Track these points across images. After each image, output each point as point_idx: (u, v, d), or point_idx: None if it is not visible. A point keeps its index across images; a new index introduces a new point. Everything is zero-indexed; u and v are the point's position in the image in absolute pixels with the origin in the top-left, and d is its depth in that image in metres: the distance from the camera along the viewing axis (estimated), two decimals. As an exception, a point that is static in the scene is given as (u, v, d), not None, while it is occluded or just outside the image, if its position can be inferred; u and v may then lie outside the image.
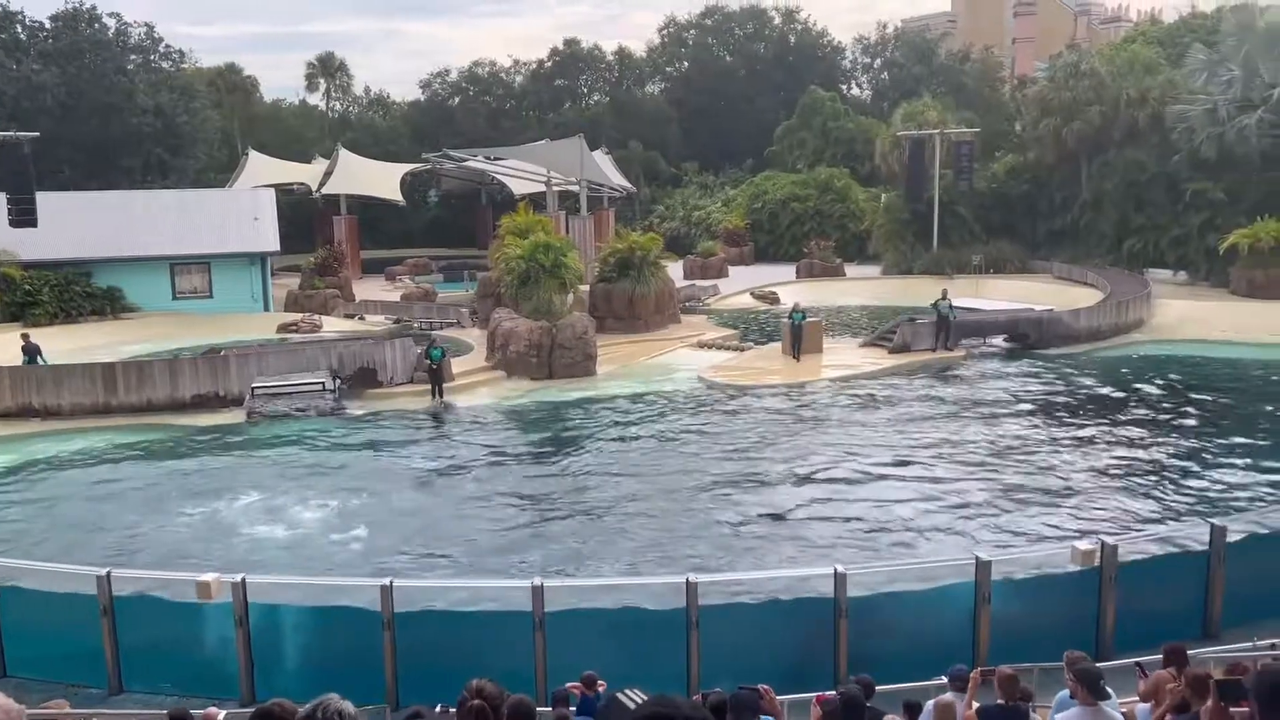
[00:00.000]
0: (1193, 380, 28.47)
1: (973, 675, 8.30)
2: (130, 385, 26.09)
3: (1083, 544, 12.82)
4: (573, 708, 8.10)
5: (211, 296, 41.77)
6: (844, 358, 31.37)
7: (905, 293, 43.38)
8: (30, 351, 27.81)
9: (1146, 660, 8.83)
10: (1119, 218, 45.89)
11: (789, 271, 51.94)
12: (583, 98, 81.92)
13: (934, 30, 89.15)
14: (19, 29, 53.70)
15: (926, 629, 12.45)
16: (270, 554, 16.40)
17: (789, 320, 31.38)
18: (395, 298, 47.32)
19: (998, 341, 33.75)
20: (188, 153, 56.71)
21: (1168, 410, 25.21)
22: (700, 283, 48.18)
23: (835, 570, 12.03)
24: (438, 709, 6.69)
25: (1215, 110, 41.67)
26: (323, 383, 26.63)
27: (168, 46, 59.59)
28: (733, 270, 53.32)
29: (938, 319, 31.89)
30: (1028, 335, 33.39)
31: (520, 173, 55.63)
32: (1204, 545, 13.42)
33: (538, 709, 6.67)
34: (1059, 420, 24.38)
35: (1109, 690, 7.05)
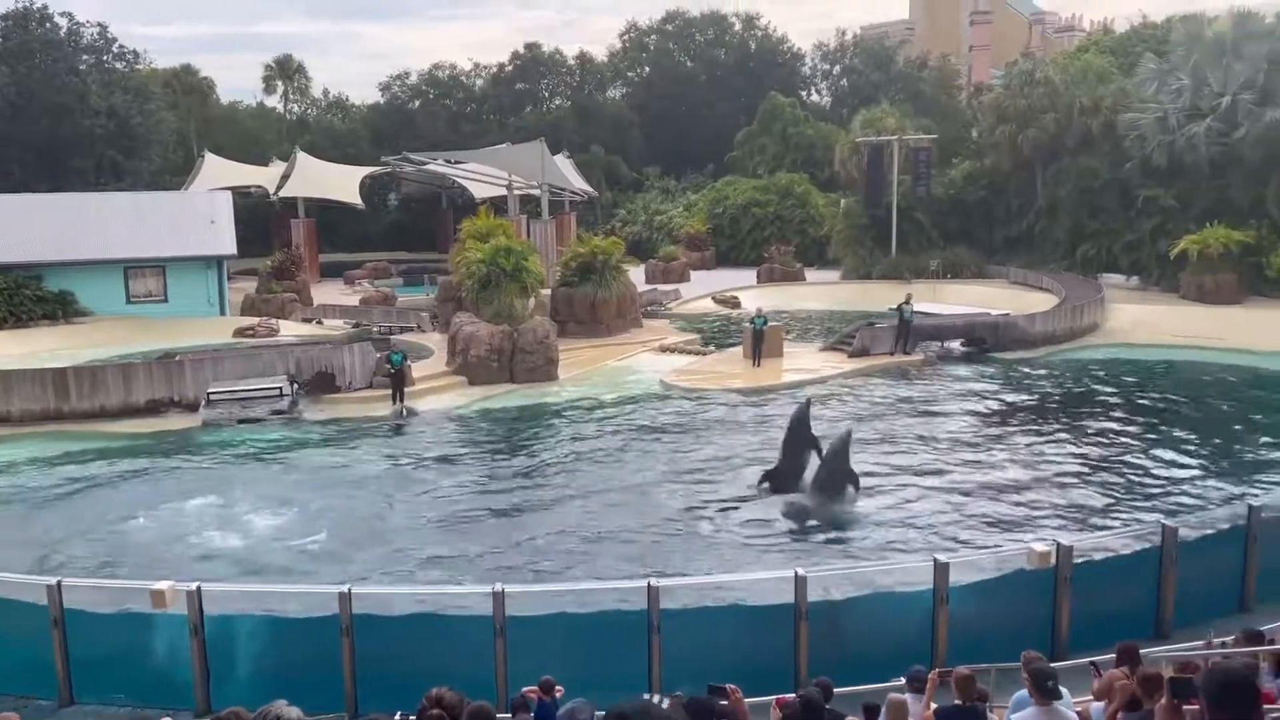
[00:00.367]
0: (1144, 383, 29.01)
1: (931, 676, 8.38)
2: (82, 391, 25.60)
3: (1038, 545, 13.02)
4: (531, 714, 8.05)
5: (166, 300, 41.11)
6: (804, 362, 31.58)
7: (864, 297, 43.78)
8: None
9: (1101, 659, 8.97)
10: (1073, 224, 46.63)
11: (750, 276, 52.19)
12: (544, 102, 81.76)
13: (892, 38, 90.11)
14: (-33, 28, 52.59)
15: (886, 630, 12.56)
16: (226, 561, 16.17)
17: (750, 325, 31.54)
18: (354, 302, 46.88)
19: (955, 346, 34.15)
20: (142, 154, 55.83)
21: (1119, 412, 25.66)
22: (662, 287, 48.28)
23: (795, 573, 12.10)
24: (397, 717, 6.62)
25: (1165, 119, 42.48)
26: (280, 388, 26.32)
27: (121, 47, 58.68)
28: (694, 275, 53.47)
29: (899, 323, 32.23)
30: (984, 340, 33.82)
31: (481, 176, 55.40)
32: (1155, 545, 13.67)
33: (499, 715, 6.63)
34: (1014, 422, 24.72)
35: (1062, 690, 7.14)
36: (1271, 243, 38.57)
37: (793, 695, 7.40)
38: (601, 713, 4.17)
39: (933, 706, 8.00)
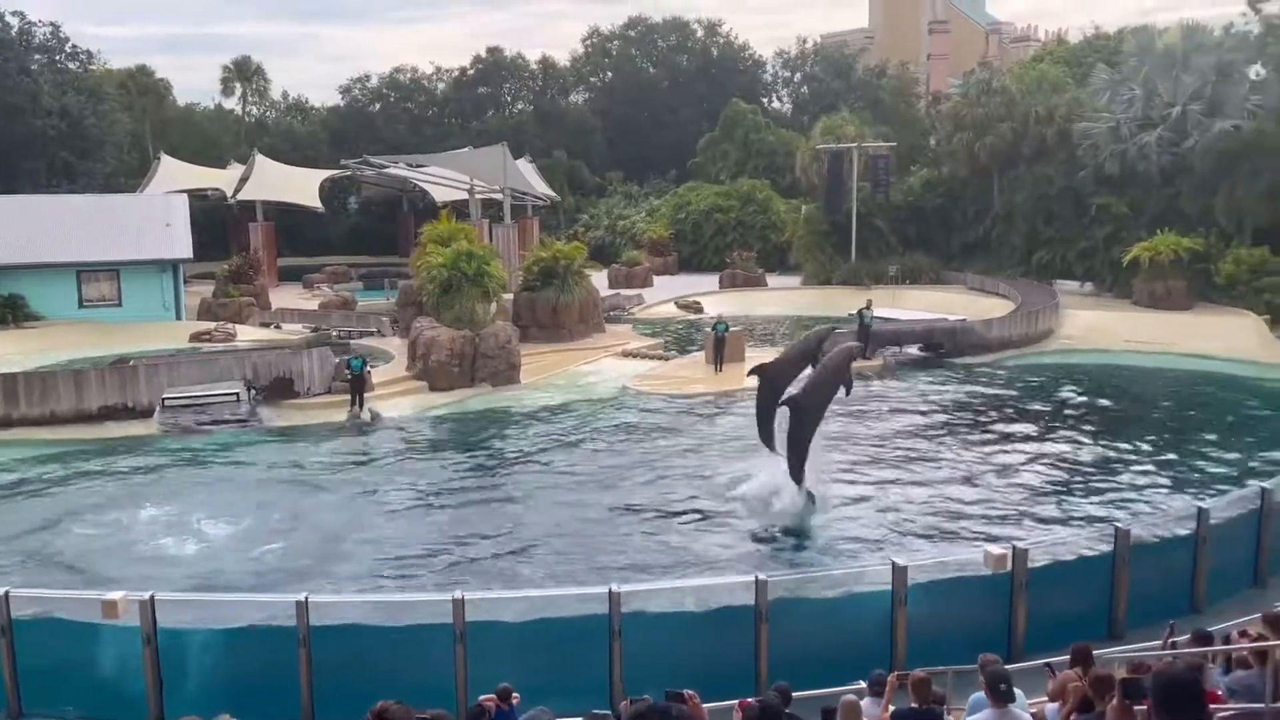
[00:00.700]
0: (1097, 388, 29.48)
1: (889, 679, 8.46)
2: (33, 397, 25.07)
3: (994, 548, 13.18)
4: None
5: (120, 305, 40.41)
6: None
7: (825, 303, 44.12)
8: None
9: (1056, 661, 9.10)
10: (1029, 230, 47.36)
11: (712, 281, 52.42)
12: (506, 106, 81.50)
13: (852, 46, 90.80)
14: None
15: (846, 633, 12.64)
16: (179, 571, 15.92)
17: (712, 332, 31.65)
18: (313, 306, 46.44)
19: (913, 351, 34.52)
20: (95, 156, 54.86)
21: (1073, 416, 26.08)
22: (625, 292, 48.33)
23: (756, 578, 12.15)
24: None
25: (1118, 128, 43.32)
26: (237, 393, 26.01)
27: (74, 47, 57.67)
28: (657, 280, 53.61)
29: (859, 328, 32.53)
30: (942, 345, 34.22)
31: (443, 180, 55.07)
32: (1109, 547, 13.90)
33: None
34: (971, 426, 25.02)
35: (1017, 692, 7.24)
36: (1220, 250, 39.43)
37: (754, 699, 7.44)
38: None
39: (890, 709, 8.07)
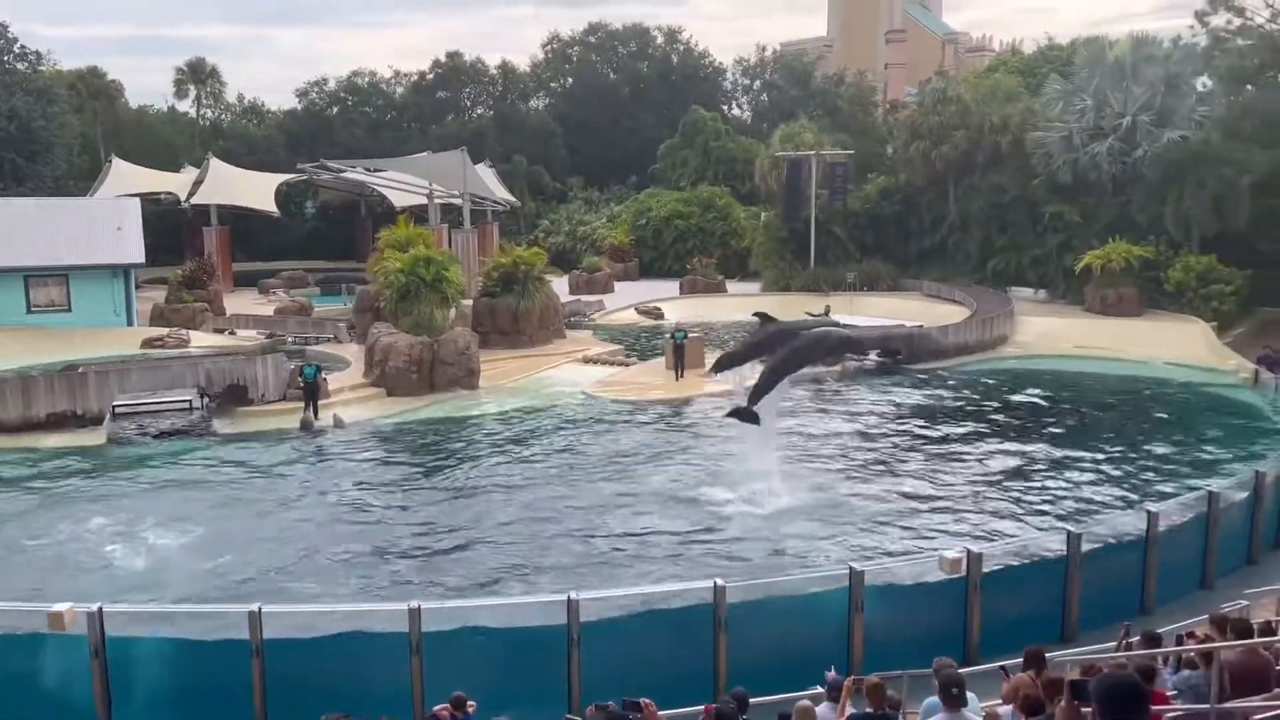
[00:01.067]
0: (1050, 393, 29.91)
1: (845, 683, 8.50)
2: (-23, 404, 24.53)
3: (949, 553, 13.31)
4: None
5: (70, 310, 39.59)
6: (725, 372, 31.78)
7: (784, 309, 44.25)
8: None
9: (1011, 664, 9.20)
10: (984, 238, 48.02)
11: (673, 287, 52.53)
12: (466, 111, 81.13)
13: (810, 54, 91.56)
14: None
15: (802, 637, 12.69)
16: (128, 582, 15.64)
17: (671, 339, 31.68)
18: (269, 312, 45.83)
19: (871, 357, 34.78)
20: (45, 159, 53.71)
21: (1027, 421, 26.45)
22: (585, 298, 48.25)
23: (715, 583, 12.18)
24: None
25: (1070, 137, 44.11)
26: (189, 401, 25.60)
27: (23, 47, 56.40)
28: (618, 286, 53.63)
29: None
30: (899, 351, 34.54)
31: (401, 185, 54.73)
32: (1061, 551, 14.11)
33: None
34: (926, 431, 25.28)
35: (970, 696, 7.31)
36: (1169, 258, 40.25)
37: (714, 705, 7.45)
38: None
39: (848, 714, 8.12)
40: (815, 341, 19.85)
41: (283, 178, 60.49)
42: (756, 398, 19.32)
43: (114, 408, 25.04)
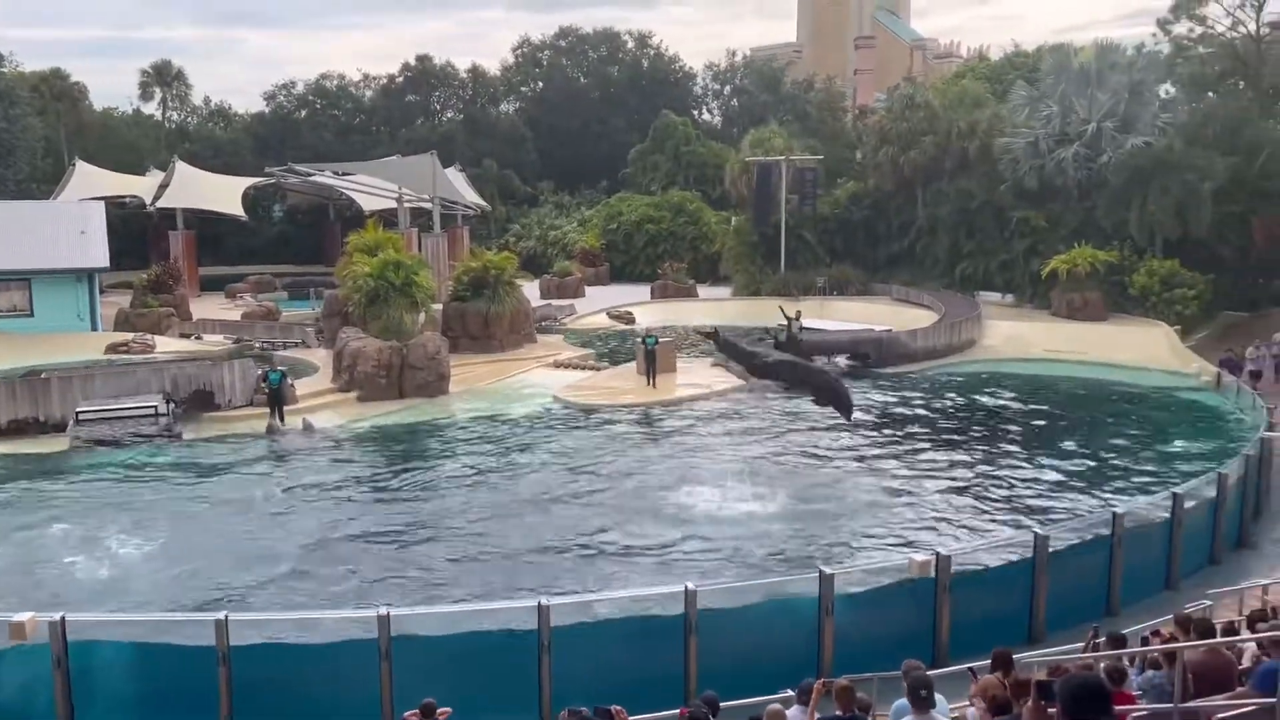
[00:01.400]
0: (1017, 396, 30.20)
1: (815, 686, 8.52)
2: (-64, 411, 24.09)
3: (918, 555, 13.40)
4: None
5: (32, 315, 38.97)
6: (696, 377, 31.92)
7: (755, 313, 44.50)
8: None
9: (979, 665, 9.27)
10: (951, 243, 48.43)
11: (644, 292, 52.58)
12: (435, 114, 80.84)
13: (780, 60, 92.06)
14: None
15: (772, 641, 12.71)
16: (91, 591, 15.39)
17: (643, 345, 31.66)
18: (236, 316, 45.40)
19: (840, 361, 35.01)
20: (6, 162, 52.99)
21: (995, 423, 26.69)
22: (556, 302, 48.17)
23: (686, 588, 12.17)
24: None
25: (1036, 143, 44.63)
26: (155, 406, 25.28)
27: (-16, 48, 55.65)
28: (589, 290, 53.58)
29: (788, 338, 32.96)
30: (868, 355, 34.77)
31: (370, 188, 54.40)
32: (1028, 553, 14.23)
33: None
34: (895, 434, 25.44)
35: (938, 698, 7.35)
36: (1133, 262, 40.81)
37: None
38: None
39: (816, 717, 8.14)
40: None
41: (250, 181, 59.94)
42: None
43: (77, 414, 24.67)
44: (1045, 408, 28.82)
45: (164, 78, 73.86)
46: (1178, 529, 15.86)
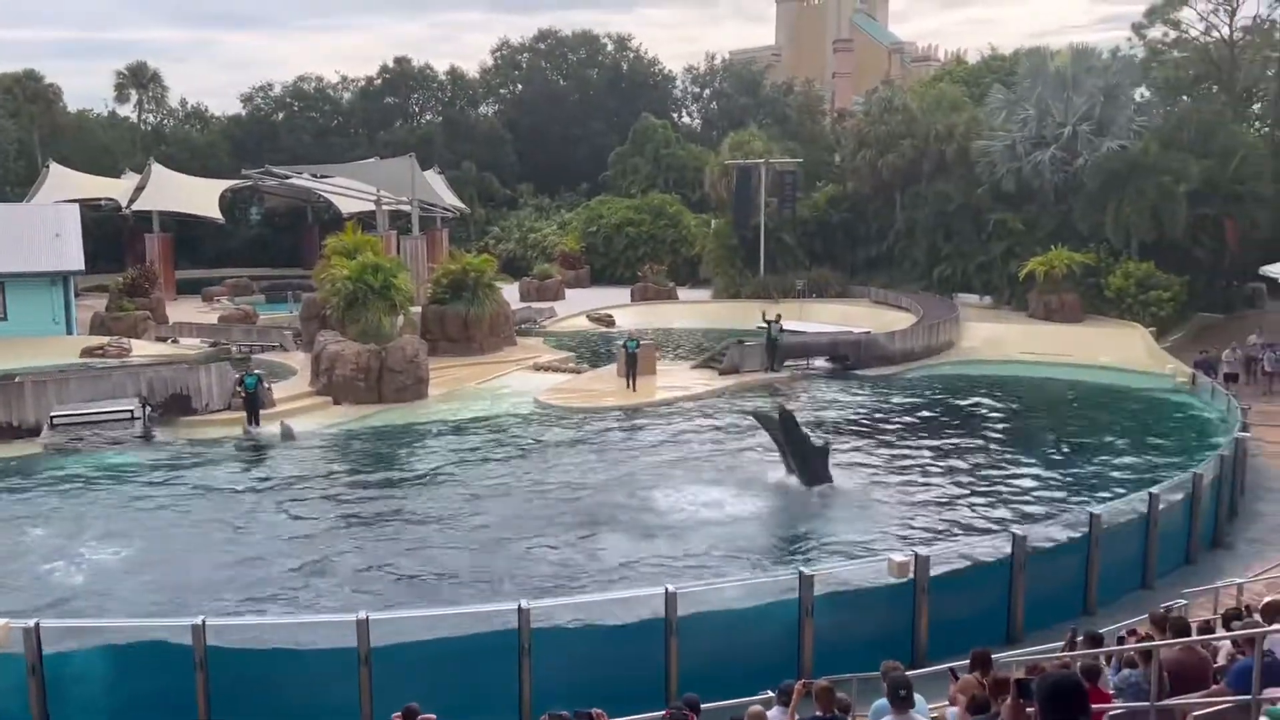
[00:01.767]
0: (994, 397, 30.38)
1: (795, 687, 8.54)
2: (-93, 416, 23.78)
3: (897, 556, 13.45)
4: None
5: (6, 319, 38.54)
6: (677, 379, 31.96)
7: (735, 316, 44.61)
8: None
9: (959, 665, 9.32)
10: (930, 245, 48.70)
11: (624, 294, 52.57)
12: (414, 117, 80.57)
13: (759, 63, 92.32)
14: None
15: (753, 643, 12.73)
16: (66, 596, 15.23)
17: (624, 348, 31.65)
18: (213, 320, 45.06)
19: (820, 363, 35.15)
20: (-22, 164, 52.48)
21: (973, 424, 26.83)
22: (536, 305, 48.09)
23: (666, 590, 12.17)
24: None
25: (1013, 146, 44.93)
26: (130, 411, 25.05)
27: (-44, 49, 55.09)
28: (569, 293, 53.52)
29: (768, 341, 33.05)
30: (847, 357, 34.91)
31: (349, 191, 54.15)
32: (1006, 553, 14.32)
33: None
34: (874, 435, 25.54)
35: (917, 698, 7.39)
36: (1109, 264, 41.17)
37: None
38: None
39: (797, 718, 8.16)
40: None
41: (227, 183, 59.56)
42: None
43: (52, 418, 24.42)
44: (1024, 408, 29.02)
45: (140, 79, 73.25)
46: (1153, 529, 16.01)
